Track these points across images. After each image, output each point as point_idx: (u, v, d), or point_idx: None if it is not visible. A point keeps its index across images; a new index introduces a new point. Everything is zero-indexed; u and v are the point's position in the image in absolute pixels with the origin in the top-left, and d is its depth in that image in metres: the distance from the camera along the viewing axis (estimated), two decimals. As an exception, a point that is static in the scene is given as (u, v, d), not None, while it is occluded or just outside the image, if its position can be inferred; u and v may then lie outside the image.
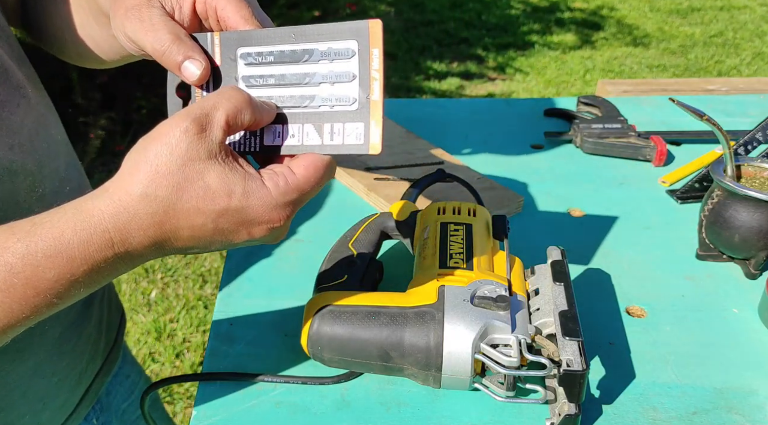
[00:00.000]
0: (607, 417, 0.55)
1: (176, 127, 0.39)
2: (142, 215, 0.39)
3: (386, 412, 0.56)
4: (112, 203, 0.39)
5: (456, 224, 0.64)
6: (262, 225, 0.42)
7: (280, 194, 0.42)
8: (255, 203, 0.41)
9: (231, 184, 0.40)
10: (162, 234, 0.41)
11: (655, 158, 0.94)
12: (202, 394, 0.57)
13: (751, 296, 0.69)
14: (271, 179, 0.42)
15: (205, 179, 0.40)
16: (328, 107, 0.45)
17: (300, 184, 0.43)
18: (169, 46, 0.45)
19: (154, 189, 0.39)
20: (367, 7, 4.41)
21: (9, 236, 0.39)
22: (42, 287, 0.39)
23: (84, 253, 0.39)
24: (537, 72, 3.80)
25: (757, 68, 3.88)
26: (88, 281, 0.41)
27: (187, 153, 0.39)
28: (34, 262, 0.38)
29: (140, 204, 0.39)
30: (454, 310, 0.54)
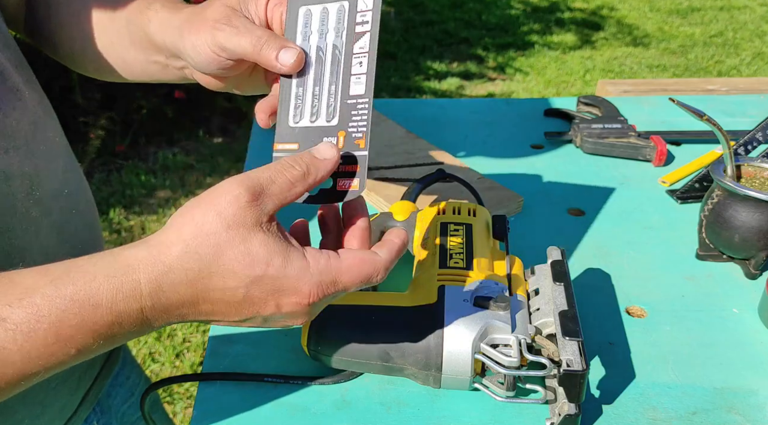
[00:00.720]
0: (607, 417, 0.55)
1: (228, 193, 0.40)
2: (177, 270, 0.39)
3: (386, 412, 0.56)
4: (150, 254, 0.39)
5: (456, 224, 0.64)
6: (292, 298, 0.41)
7: (317, 271, 0.41)
8: (291, 272, 0.41)
9: (272, 252, 0.40)
10: (193, 295, 0.40)
11: (655, 158, 0.94)
12: (202, 394, 0.57)
13: (751, 296, 0.69)
14: (312, 255, 0.42)
15: (248, 244, 0.40)
16: None
17: (341, 269, 0.42)
18: (267, 40, 0.48)
19: (195, 246, 0.39)
20: (367, 7, 4.40)
21: (42, 276, 0.38)
22: (63, 334, 0.38)
23: (111, 301, 0.38)
24: (537, 72, 3.80)
25: (757, 68, 3.88)
26: (106, 335, 0.39)
27: (234, 218, 0.39)
28: (61, 306, 0.37)
29: (177, 259, 0.39)
30: (454, 310, 0.54)
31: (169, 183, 2.57)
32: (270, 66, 0.49)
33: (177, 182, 2.58)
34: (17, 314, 0.37)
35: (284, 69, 0.49)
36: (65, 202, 0.59)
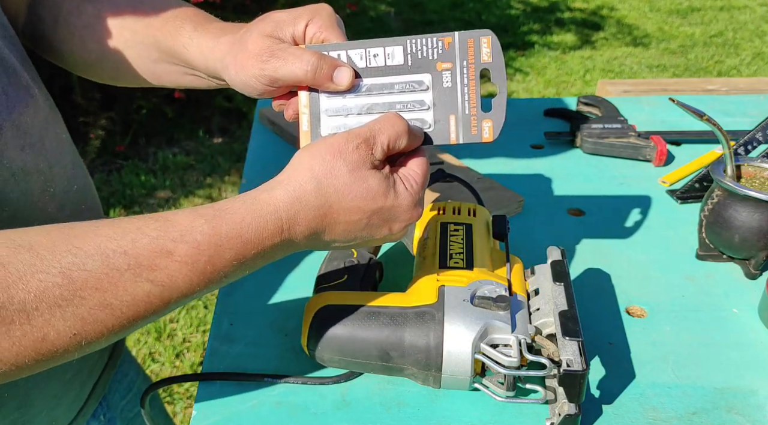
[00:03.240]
0: (607, 417, 0.55)
1: (350, 142, 0.47)
2: (312, 206, 0.46)
3: (386, 412, 0.56)
4: (287, 194, 0.46)
5: (456, 224, 0.64)
6: (403, 222, 0.50)
7: (415, 193, 0.50)
8: (403, 202, 0.49)
9: (387, 187, 0.48)
10: (321, 226, 0.47)
11: (655, 158, 0.94)
12: (202, 394, 0.57)
13: (751, 296, 0.69)
14: (407, 182, 0.50)
15: (368, 182, 0.47)
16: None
17: (422, 180, 0.50)
18: (317, 63, 0.51)
19: (326, 185, 0.46)
20: (367, 7, 4.41)
21: (196, 217, 0.44)
22: (219, 265, 0.44)
23: (258, 237, 0.45)
24: (537, 72, 3.80)
25: (757, 68, 3.88)
26: (252, 264, 0.46)
27: (357, 162, 0.47)
28: (217, 242, 0.44)
29: (312, 196, 0.46)
30: (454, 310, 0.54)
31: (169, 183, 2.57)
32: (326, 87, 0.53)
33: (177, 182, 2.58)
34: (182, 248, 0.43)
35: (341, 88, 0.52)
36: (75, 198, 0.60)
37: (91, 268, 0.40)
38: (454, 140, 0.53)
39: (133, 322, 0.43)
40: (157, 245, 0.42)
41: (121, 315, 0.41)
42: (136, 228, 0.43)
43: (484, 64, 0.53)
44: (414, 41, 0.53)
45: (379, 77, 0.53)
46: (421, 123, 0.53)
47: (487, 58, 0.53)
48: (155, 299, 0.43)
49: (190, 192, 2.53)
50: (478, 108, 0.53)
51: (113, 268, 0.41)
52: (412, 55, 0.53)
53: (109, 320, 0.41)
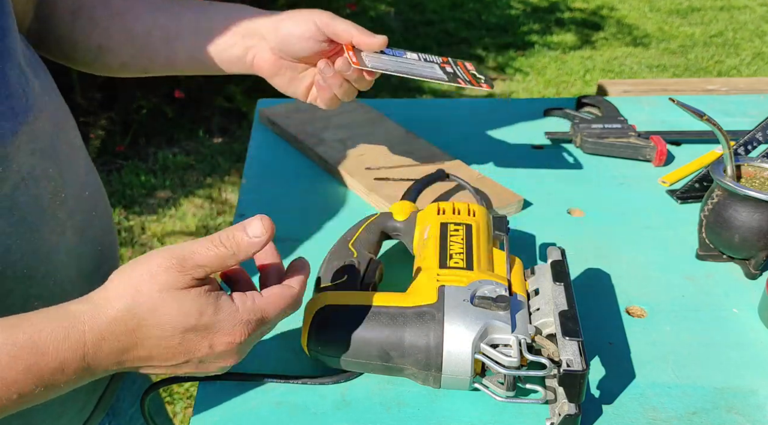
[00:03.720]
0: (607, 417, 0.55)
1: (162, 261, 0.45)
2: (118, 322, 0.44)
3: (386, 412, 0.56)
4: (94, 308, 0.43)
5: (456, 224, 0.64)
6: (225, 338, 0.46)
7: (246, 310, 0.46)
8: (222, 317, 0.46)
9: (204, 305, 0.45)
10: (132, 342, 0.44)
11: (655, 158, 0.94)
12: (202, 394, 0.57)
13: (751, 296, 0.69)
14: (239, 298, 0.47)
15: (180, 302, 0.44)
16: None
17: (264, 306, 0.47)
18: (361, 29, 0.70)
19: (133, 305, 0.44)
20: (367, 7, 4.41)
21: None
22: (9, 379, 0.41)
23: (57, 349, 0.42)
24: (537, 72, 3.80)
25: (757, 68, 3.88)
26: (49, 381, 0.42)
27: (165, 283, 0.44)
28: (11, 352, 0.41)
29: (119, 312, 0.44)
30: (454, 310, 0.54)
31: (169, 183, 2.57)
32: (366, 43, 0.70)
33: (177, 182, 2.58)
34: None
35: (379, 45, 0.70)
36: (86, 204, 0.61)
37: None
38: (462, 83, 0.73)
39: None
40: None
41: None
42: None
43: (469, 70, 0.78)
44: (424, 55, 0.77)
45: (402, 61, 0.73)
46: (439, 78, 0.72)
47: (471, 68, 0.79)
48: None
49: (190, 192, 2.53)
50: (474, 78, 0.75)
51: None
52: (423, 59, 0.76)
53: None
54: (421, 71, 0.72)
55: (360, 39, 0.69)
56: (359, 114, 1.03)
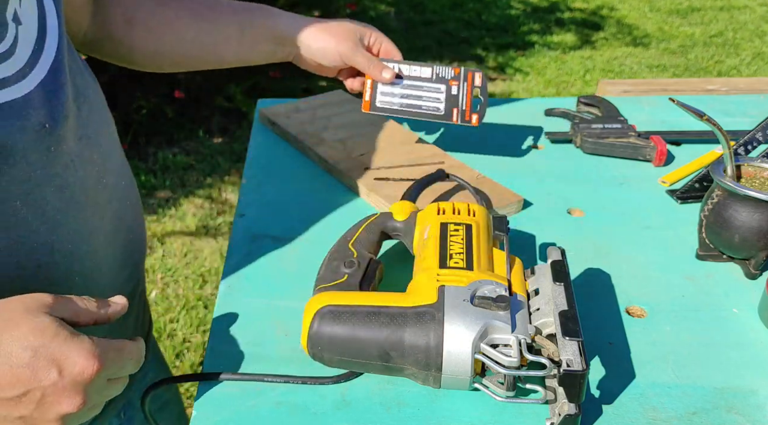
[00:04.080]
0: (607, 417, 0.55)
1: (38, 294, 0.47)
2: None
3: (386, 412, 0.56)
4: None
5: (456, 224, 0.64)
6: (78, 363, 0.44)
7: (99, 344, 0.46)
8: (77, 343, 0.45)
9: (62, 327, 0.45)
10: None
11: (655, 158, 0.94)
12: (202, 394, 0.57)
13: (751, 296, 0.69)
14: (91, 338, 0.46)
15: (41, 319, 0.44)
16: None
17: (119, 347, 0.48)
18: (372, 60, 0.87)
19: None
20: (367, 7, 4.41)
21: None
22: None
23: None
24: (537, 72, 3.80)
25: (757, 68, 3.88)
26: None
27: (31, 306, 0.45)
28: None
29: None
30: (454, 310, 0.54)
31: (169, 183, 2.57)
32: (376, 77, 0.88)
33: (177, 182, 2.58)
34: None
35: (384, 80, 0.88)
36: (122, 193, 0.66)
37: None
38: (455, 121, 0.87)
39: None
40: None
41: None
42: None
43: (476, 86, 0.90)
44: (438, 67, 0.90)
45: (414, 81, 0.89)
46: (435, 109, 0.87)
47: (478, 83, 0.91)
48: None
49: (190, 192, 2.53)
50: (470, 107, 0.88)
51: None
52: (436, 74, 0.90)
53: None
54: (421, 110, 0.87)
55: (372, 74, 0.87)
56: (359, 114, 1.03)
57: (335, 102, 1.07)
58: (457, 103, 0.85)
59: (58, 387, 0.44)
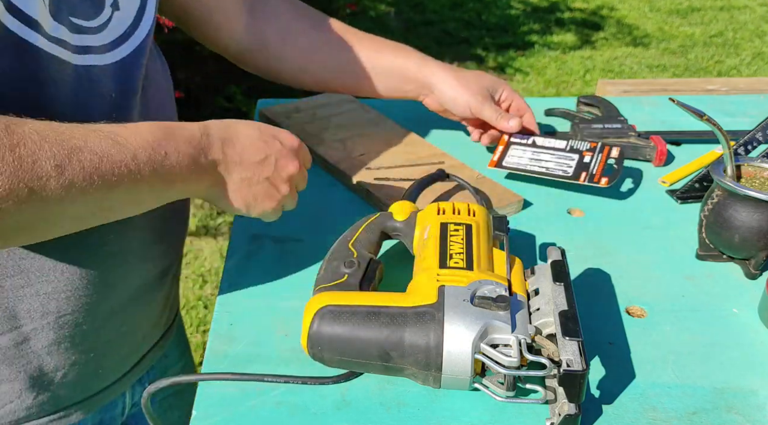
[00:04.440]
0: (607, 417, 0.55)
1: None
2: (218, 124, 0.61)
3: (386, 412, 0.56)
4: (196, 123, 0.60)
5: (456, 224, 0.64)
6: (287, 138, 0.65)
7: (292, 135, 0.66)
8: (287, 141, 0.65)
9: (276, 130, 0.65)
10: (229, 134, 0.61)
11: (655, 158, 0.94)
12: (202, 394, 0.57)
13: (751, 296, 0.69)
14: None
15: (259, 124, 0.64)
16: None
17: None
18: (499, 114, 0.91)
19: (227, 121, 0.62)
20: (367, 7, 4.41)
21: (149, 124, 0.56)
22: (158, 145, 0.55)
23: (182, 128, 0.57)
24: (537, 72, 3.80)
25: (757, 68, 3.89)
26: (150, 177, 0.54)
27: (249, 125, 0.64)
28: (150, 129, 0.55)
29: (217, 123, 0.61)
30: (454, 310, 0.54)
31: (169, 183, 2.57)
32: (501, 127, 0.92)
33: (177, 182, 2.58)
34: (124, 129, 0.54)
35: (510, 129, 0.92)
36: None
37: (76, 132, 0.50)
38: (581, 181, 0.84)
39: (96, 176, 0.50)
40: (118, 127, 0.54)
41: (89, 163, 0.50)
42: None
43: (612, 157, 0.87)
44: (574, 141, 0.91)
45: (547, 150, 0.90)
46: (563, 171, 0.85)
47: (614, 155, 0.88)
48: (113, 153, 0.51)
49: (190, 192, 2.52)
50: (601, 172, 0.85)
51: (89, 130, 0.51)
52: (571, 146, 0.90)
53: (83, 162, 0.49)
54: (548, 171, 0.86)
55: (499, 125, 0.91)
56: (359, 114, 1.03)
57: (335, 102, 1.07)
58: (587, 168, 0.84)
59: (283, 153, 0.64)
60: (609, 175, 0.83)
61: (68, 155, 0.48)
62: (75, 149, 0.49)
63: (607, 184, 0.82)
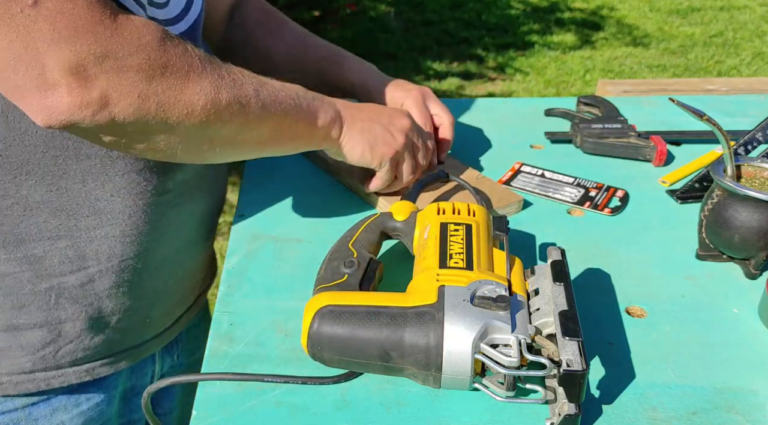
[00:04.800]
0: (607, 417, 0.55)
1: None
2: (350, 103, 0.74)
3: (386, 412, 0.56)
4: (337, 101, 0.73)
5: (456, 224, 0.64)
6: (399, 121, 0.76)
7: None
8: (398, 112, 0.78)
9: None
10: (355, 105, 0.75)
11: (655, 158, 0.94)
12: (202, 394, 0.57)
13: (751, 296, 0.69)
14: None
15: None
16: None
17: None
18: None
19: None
20: (367, 7, 4.41)
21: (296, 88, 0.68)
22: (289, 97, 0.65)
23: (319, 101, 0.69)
24: (537, 72, 3.80)
25: (757, 68, 3.89)
26: (305, 113, 0.67)
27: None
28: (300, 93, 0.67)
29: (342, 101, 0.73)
30: (454, 310, 0.54)
31: (169, 183, 2.57)
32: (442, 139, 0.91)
33: (177, 182, 2.58)
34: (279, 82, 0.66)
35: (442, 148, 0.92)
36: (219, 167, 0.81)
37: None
38: (585, 207, 0.84)
39: (277, 102, 0.63)
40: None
41: (272, 91, 0.63)
42: None
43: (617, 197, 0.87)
44: (581, 179, 0.90)
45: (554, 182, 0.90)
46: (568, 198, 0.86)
47: (619, 195, 0.87)
48: (283, 90, 0.65)
49: (190, 192, 2.52)
50: (605, 204, 0.85)
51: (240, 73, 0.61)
52: (578, 183, 0.89)
53: (269, 90, 0.63)
54: (553, 195, 0.86)
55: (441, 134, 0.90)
56: (359, 114, 1.03)
57: (335, 102, 1.07)
58: (592, 200, 0.85)
59: (396, 113, 0.78)
60: (611, 207, 0.84)
61: (260, 83, 0.62)
62: (262, 82, 0.63)
63: (610, 213, 0.83)
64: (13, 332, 0.65)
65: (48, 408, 0.69)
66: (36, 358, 0.67)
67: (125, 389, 0.78)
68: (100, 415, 0.74)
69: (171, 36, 0.55)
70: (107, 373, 0.73)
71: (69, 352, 0.68)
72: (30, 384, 0.67)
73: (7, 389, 0.67)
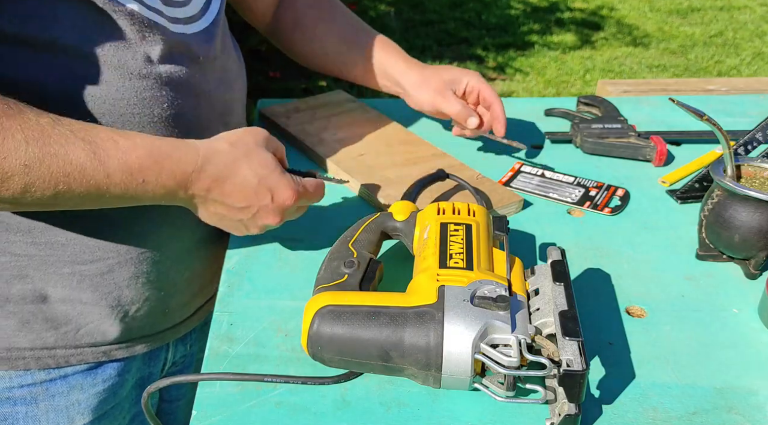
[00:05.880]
0: (607, 417, 0.55)
1: (262, 131, 0.67)
2: (225, 153, 0.62)
3: (386, 412, 0.56)
4: (208, 142, 0.63)
5: (456, 224, 0.64)
6: (284, 193, 0.64)
7: (298, 183, 0.66)
8: (286, 180, 0.64)
9: (277, 165, 0.64)
10: (225, 173, 0.62)
11: (655, 158, 0.94)
12: (202, 394, 0.57)
13: (751, 296, 0.69)
14: (296, 178, 0.66)
15: (266, 155, 0.64)
16: None
17: (306, 185, 0.67)
18: (461, 109, 0.89)
19: (237, 142, 0.63)
20: (367, 7, 4.41)
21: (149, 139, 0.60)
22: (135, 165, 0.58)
23: (176, 149, 0.60)
24: (537, 72, 3.80)
25: (757, 68, 3.89)
26: (118, 195, 0.58)
27: (259, 141, 0.65)
28: (146, 144, 0.58)
29: (226, 147, 0.63)
30: (454, 310, 0.54)
31: (169, 183, 2.57)
32: (463, 123, 0.90)
33: (177, 182, 2.57)
34: (114, 145, 0.57)
35: (471, 126, 0.90)
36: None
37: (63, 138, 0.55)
38: (585, 207, 0.84)
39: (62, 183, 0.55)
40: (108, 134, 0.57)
41: (58, 170, 0.54)
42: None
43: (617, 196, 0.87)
44: (582, 178, 0.90)
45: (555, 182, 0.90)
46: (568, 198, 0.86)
47: (620, 194, 0.87)
48: (86, 167, 0.55)
49: (190, 192, 2.52)
50: (605, 203, 0.85)
51: (79, 137, 0.55)
52: (578, 182, 0.89)
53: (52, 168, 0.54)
54: (553, 196, 0.86)
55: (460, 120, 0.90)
56: (359, 114, 1.03)
57: (335, 102, 1.07)
58: (592, 200, 0.85)
59: (269, 209, 0.64)
60: (611, 206, 0.84)
61: (41, 158, 0.53)
62: (51, 155, 0.54)
63: (610, 213, 0.83)
64: (40, 304, 0.68)
65: (65, 386, 0.72)
66: (59, 334, 0.70)
67: (141, 376, 0.81)
68: (113, 396, 0.77)
69: None
70: (123, 356, 0.76)
71: (88, 333, 0.71)
72: (50, 360, 0.71)
73: (29, 363, 0.70)
